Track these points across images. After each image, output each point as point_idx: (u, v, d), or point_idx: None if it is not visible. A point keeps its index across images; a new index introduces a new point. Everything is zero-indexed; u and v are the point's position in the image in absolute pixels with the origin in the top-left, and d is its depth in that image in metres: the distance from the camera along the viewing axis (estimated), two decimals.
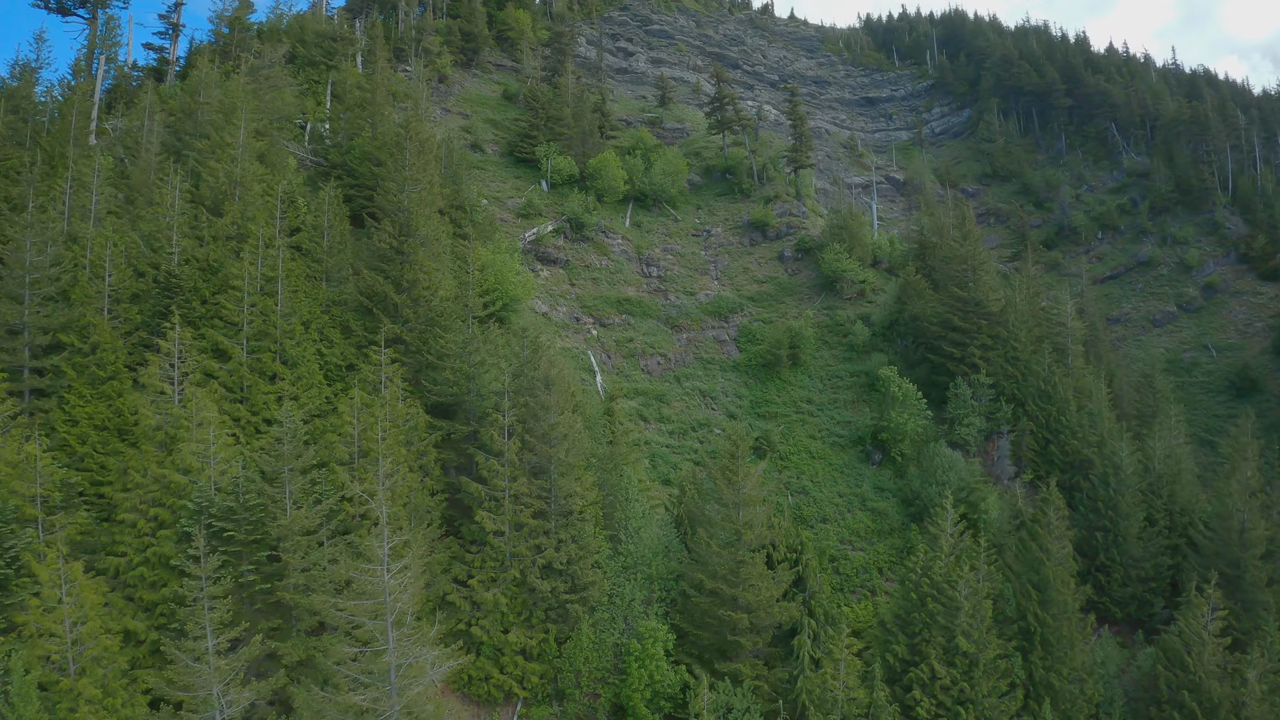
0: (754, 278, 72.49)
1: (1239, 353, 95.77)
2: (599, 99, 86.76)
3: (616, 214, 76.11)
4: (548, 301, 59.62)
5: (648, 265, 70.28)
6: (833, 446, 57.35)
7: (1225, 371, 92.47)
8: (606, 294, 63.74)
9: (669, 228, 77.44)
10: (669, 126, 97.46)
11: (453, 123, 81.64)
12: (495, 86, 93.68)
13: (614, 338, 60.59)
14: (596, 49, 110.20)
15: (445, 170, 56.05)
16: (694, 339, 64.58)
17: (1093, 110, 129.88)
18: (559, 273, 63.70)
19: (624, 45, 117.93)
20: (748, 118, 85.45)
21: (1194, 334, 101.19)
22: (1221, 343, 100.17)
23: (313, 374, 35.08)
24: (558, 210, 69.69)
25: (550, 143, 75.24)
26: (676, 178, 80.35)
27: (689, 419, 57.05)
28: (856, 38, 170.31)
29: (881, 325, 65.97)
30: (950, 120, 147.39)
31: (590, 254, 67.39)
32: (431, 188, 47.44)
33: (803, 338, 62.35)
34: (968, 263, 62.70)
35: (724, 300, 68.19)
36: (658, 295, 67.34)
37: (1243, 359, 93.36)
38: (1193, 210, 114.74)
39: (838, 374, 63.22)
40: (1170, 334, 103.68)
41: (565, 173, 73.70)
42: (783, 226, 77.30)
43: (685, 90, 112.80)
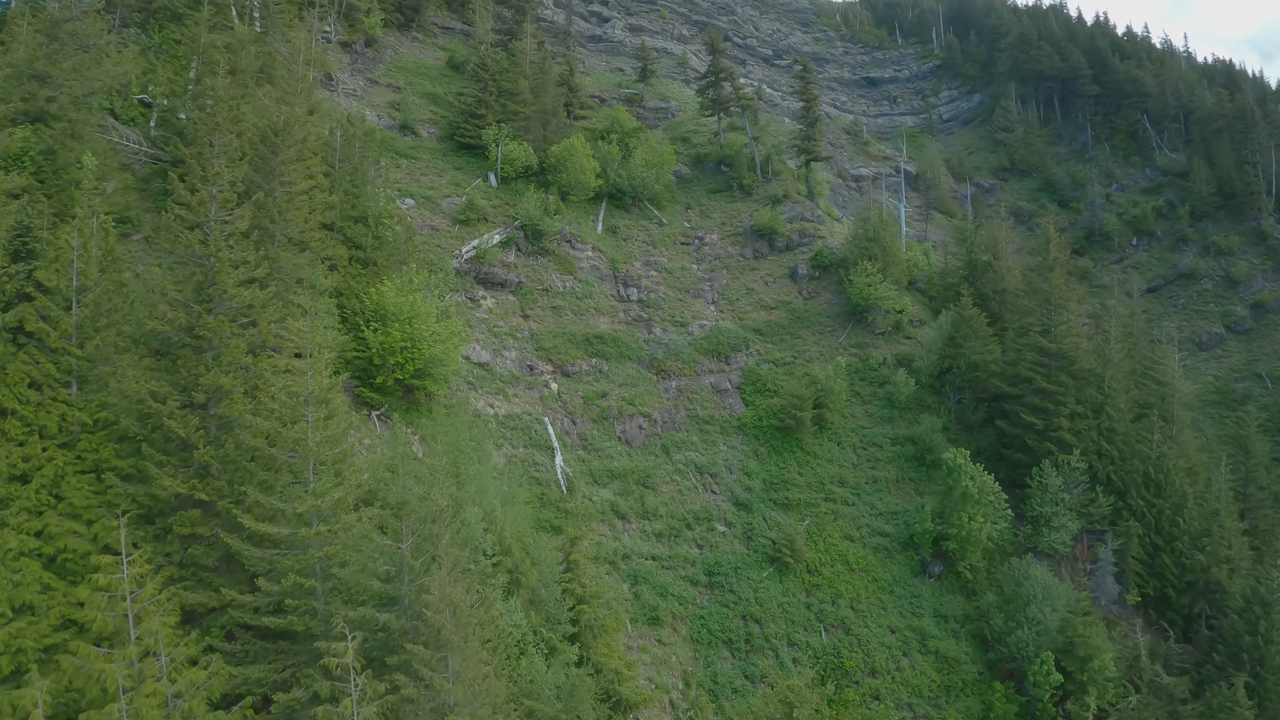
0: (760, 302, 56.13)
1: None
2: (566, 70, 69.14)
3: (585, 216, 59.11)
4: (491, 344, 42.66)
5: (625, 285, 53.51)
6: (877, 552, 41.42)
7: None
8: (571, 329, 46.94)
9: (652, 234, 60.67)
10: (651, 106, 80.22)
11: (379, 98, 63.62)
12: (439, 53, 75.39)
13: (581, 392, 43.90)
14: (565, 11, 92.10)
15: (342, 165, 38.66)
16: (686, 389, 48.18)
17: (1122, 100, 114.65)
18: (508, 300, 46.68)
19: (597, 9, 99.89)
20: (748, 97, 68.57)
21: (1244, 360, 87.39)
22: (1277, 372, 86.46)
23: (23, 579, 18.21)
24: (508, 213, 52.50)
25: (502, 124, 57.83)
26: (661, 170, 63.40)
27: (683, 511, 40.79)
28: (855, 12, 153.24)
29: (929, 374, 50.05)
30: (960, 106, 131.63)
31: (551, 272, 50.39)
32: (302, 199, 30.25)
33: (831, 393, 46.27)
34: (1051, 301, 46.89)
35: (724, 334, 51.76)
36: (638, 328, 50.69)
37: None
38: (1236, 217, 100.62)
39: (875, 440, 47.24)
40: (1218, 359, 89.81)
41: (520, 163, 56.39)
42: (794, 235, 60.92)
43: (669, 63, 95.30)
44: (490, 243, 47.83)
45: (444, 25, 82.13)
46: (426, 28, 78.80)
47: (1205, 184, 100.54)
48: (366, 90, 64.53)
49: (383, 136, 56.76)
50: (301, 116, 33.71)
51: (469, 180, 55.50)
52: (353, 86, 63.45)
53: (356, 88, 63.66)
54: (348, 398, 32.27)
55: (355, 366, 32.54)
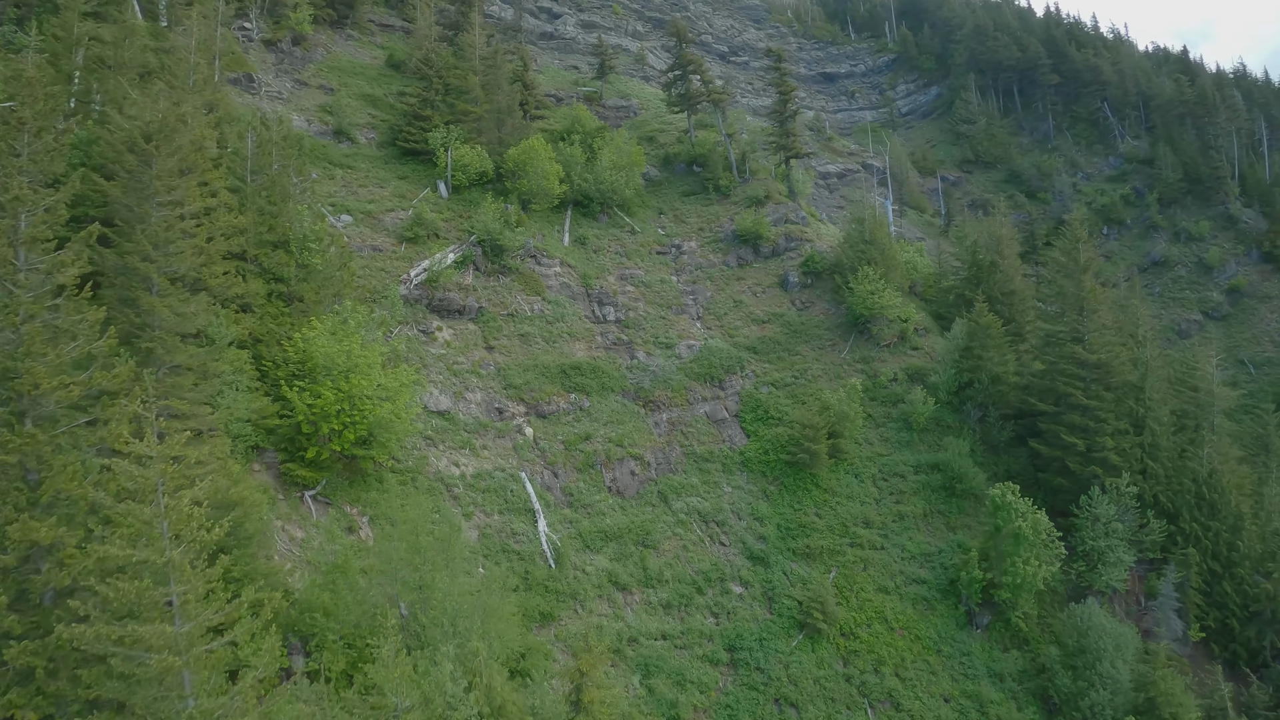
0: (751, 315, 49.60)
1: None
2: (520, 66, 61.77)
3: (550, 227, 51.85)
4: (451, 386, 35.18)
5: (600, 304, 46.43)
6: (916, 604, 35.13)
7: (1271, 393, 76.01)
8: (544, 359, 39.70)
9: (625, 244, 53.71)
10: (611, 104, 73.27)
11: (309, 100, 55.43)
12: (377, 52, 67.30)
13: (560, 436, 36.68)
14: (514, 8, 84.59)
15: (255, 178, 30.80)
16: (679, 421, 41.34)
17: (1081, 89, 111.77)
18: (468, 330, 39.18)
19: (547, 5, 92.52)
20: (719, 90, 62.10)
21: (1225, 346, 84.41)
22: (1258, 357, 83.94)
23: None
24: (463, 227, 44.96)
25: (451, 126, 50.18)
26: (631, 173, 56.48)
27: (690, 572, 33.94)
28: (806, 8, 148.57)
29: (947, 390, 44.12)
30: (917, 99, 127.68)
31: (515, 294, 43.03)
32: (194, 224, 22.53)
33: (846, 420, 39.96)
34: (1083, 307, 41.37)
35: (715, 354, 45.07)
36: (619, 353, 43.65)
37: None
38: (1204, 202, 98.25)
39: (895, 469, 41.06)
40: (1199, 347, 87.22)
41: (473, 169, 48.82)
42: (780, 239, 54.59)
43: (627, 60, 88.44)
44: (444, 263, 40.29)
45: (382, 23, 73.95)
46: (362, 25, 70.60)
47: (1171, 170, 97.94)
48: (294, 92, 56.26)
49: (313, 144, 48.73)
50: (195, 117, 25.95)
51: (415, 191, 47.78)
52: (278, 89, 55.13)
53: (282, 90, 55.36)
54: (270, 479, 24.61)
55: (279, 437, 24.89)
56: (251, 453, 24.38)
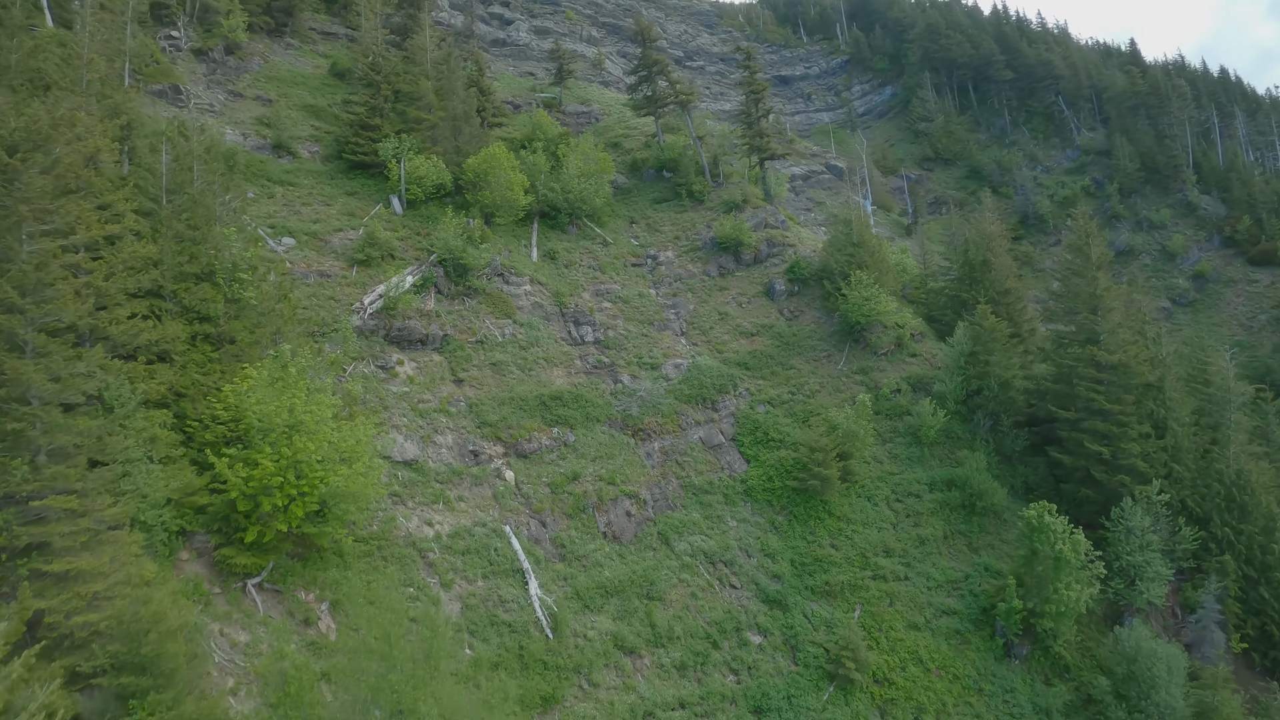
0: (738, 328, 45.65)
1: (1252, 352, 79.71)
2: (475, 71, 57.07)
3: (516, 242, 47.24)
4: (417, 430, 30.33)
5: (577, 324, 41.96)
6: (949, 639, 31.38)
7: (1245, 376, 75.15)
8: (520, 390, 35.08)
9: (597, 256, 49.35)
10: (571, 110, 68.97)
11: (245, 112, 50.01)
12: (320, 61, 62.01)
13: (545, 478, 32.10)
14: (464, 14, 79.77)
15: (173, 199, 25.78)
16: (672, 450, 37.08)
17: (1034, 84, 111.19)
18: (433, 362, 34.36)
19: (499, 11, 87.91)
20: (687, 91, 58.25)
21: (1195, 333, 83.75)
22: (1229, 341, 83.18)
23: None
24: (421, 246, 40.11)
25: (403, 135, 45.33)
26: (600, 181, 52.17)
27: (703, 624, 29.67)
28: (756, 12, 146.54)
29: (954, 399, 40.72)
30: (873, 99, 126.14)
31: (484, 317, 38.31)
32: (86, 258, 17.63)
33: (856, 439, 36.19)
34: (1097, 306, 38.38)
35: (704, 373, 40.95)
36: (602, 377, 39.23)
37: (1260, 360, 77.13)
38: (1162, 190, 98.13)
39: (909, 488, 37.40)
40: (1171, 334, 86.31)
41: (429, 181, 43.95)
42: (762, 246, 50.80)
43: (584, 66, 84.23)
44: (402, 287, 35.40)
45: (324, 30, 68.56)
46: (303, 33, 65.19)
47: (1129, 160, 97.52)
48: (228, 104, 50.74)
49: (249, 159, 43.45)
50: (89, 125, 20.91)
51: (366, 207, 42.76)
52: (208, 101, 49.57)
53: (214, 102, 49.80)
54: (202, 569, 19.64)
55: (212, 516, 19.95)
56: (176, 540, 19.43)
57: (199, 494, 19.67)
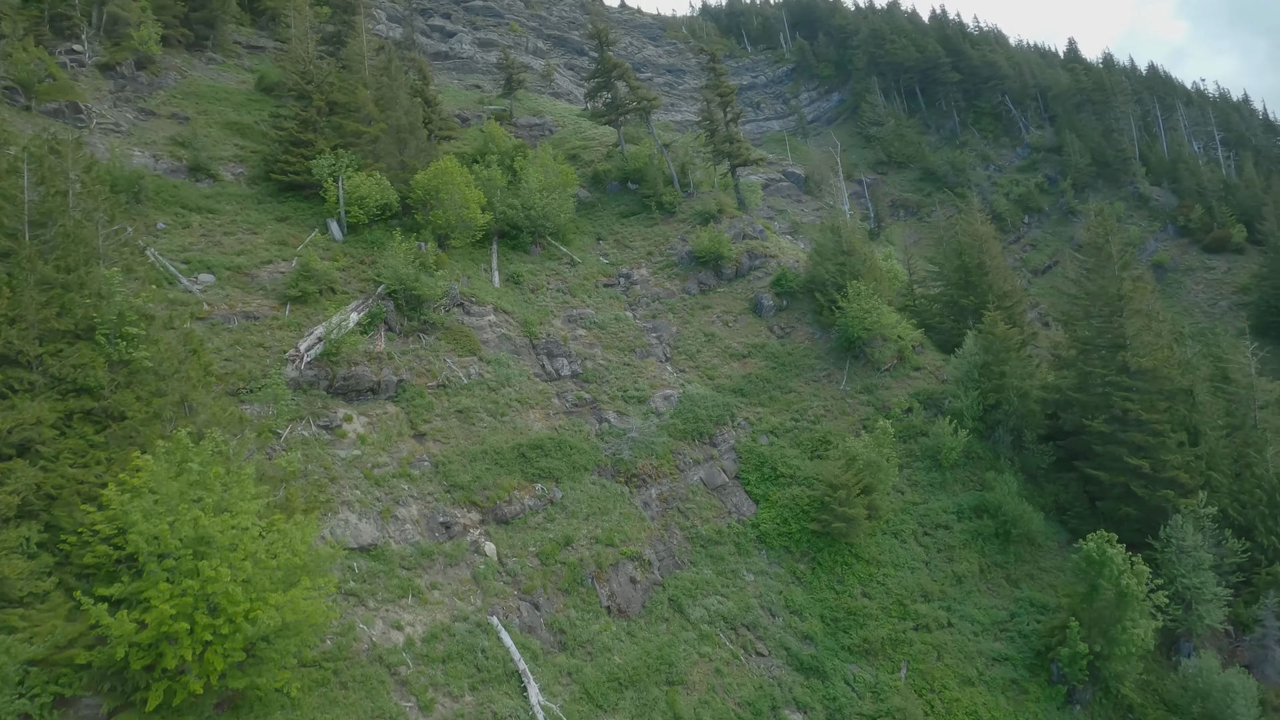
0: (727, 350, 40.69)
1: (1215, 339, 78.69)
2: (419, 81, 51.16)
3: (475, 266, 41.47)
4: (374, 504, 24.33)
5: (551, 357, 36.39)
6: (1006, 690, 26.62)
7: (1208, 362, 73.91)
8: (493, 441, 29.37)
9: (565, 278, 43.89)
10: (523, 123, 63.50)
11: (158, 132, 43.23)
12: (246, 76, 55.36)
13: (532, 546, 26.43)
14: (403, 26, 73.65)
15: (36, 236, 19.61)
16: (672, 496, 31.80)
17: (980, 85, 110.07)
18: (388, 415, 28.38)
19: (440, 24, 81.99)
20: (650, 96, 53.39)
21: None
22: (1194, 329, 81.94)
23: None
24: (366, 276, 34.07)
25: (341, 150, 39.29)
26: (563, 195, 46.77)
27: (733, 705, 24.30)
28: (699, 24, 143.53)
29: (972, 416, 36.47)
30: (821, 106, 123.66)
31: (445, 356, 32.48)
32: None
33: (879, 471, 31.50)
34: (1121, 306, 34.62)
35: (698, 404, 35.80)
36: (584, 417, 33.72)
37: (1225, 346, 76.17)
38: (1113, 184, 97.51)
39: (936, 519, 32.82)
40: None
41: (373, 201, 37.90)
42: (743, 258, 46.08)
43: (533, 78, 78.84)
44: (345, 326, 29.34)
45: (250, 44, 61.75)
46: (227, 47, 58.35)
47: (1079, 156, 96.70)
48: (138, 123, 43.85)
49: (159, 184, 36.85)
50: None
51: (300, 234, 36.50)
52: (115, 120, 42.66)
53: (121, 121, 42.89)
54: None
55: (98, 673, 13.88)
56: (50, 715, 13.34)
57: (78, 646, 13.63)
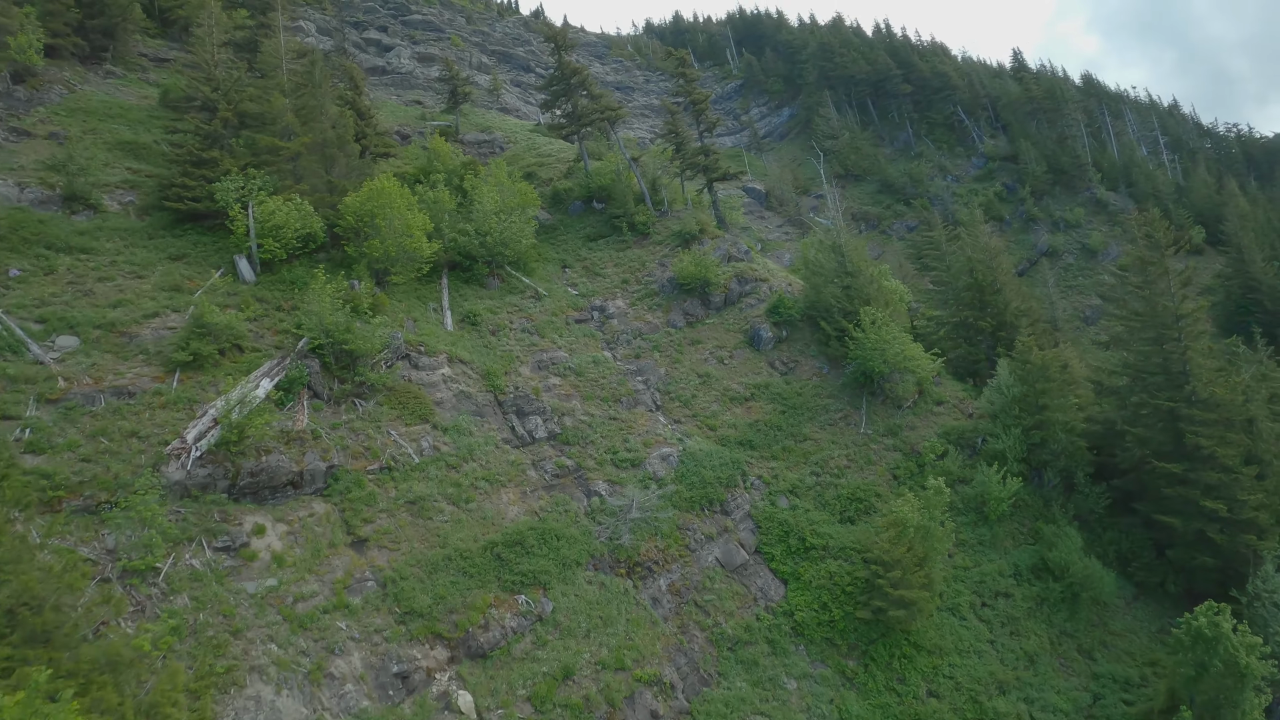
0: (726, 392, 34.01)
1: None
2: (350, 91, 43.40)
3: (421, 305, 33.89)
4: (299, 660, 16.67)
5: (522, 415, 29.10)
6: None
7: None
8: (457, 541, 21.94)
9: (530, 315, 36.65)
10: (470, 139, 56.16)
11: (30, 154, 34.61)
12: (150, 91, 46.86)
13: (521, 688, 19.09)
14: (334, 37, 65.60)
15: None
16: (685, 587, 24.85)
17: (932, 96, 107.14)
18: (314, 519, 20.66)
19: (375, 37, 74.06)
20: (613, 104, 46.77)
21: None
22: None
23: None
24: (284, 326, 26.25)
25: (253, 170, 31.44)
26: (524, 218, 39.62)
27: None
28: (644, 42, 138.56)
29: (1015, 457, 30.62)
30: (772, 121, 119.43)
31: (387, 427, 24.85)
32: None
33: (932, 538, 25.28)
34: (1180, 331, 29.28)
35: (702, 462, 28.94)
36: (569, 491, 26.52)
37: None
38: (1070, 190, 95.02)
39: (995, 585, 26.53)
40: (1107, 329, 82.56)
41: (293, 231, 30.02)
42: (732, 284, 39.65)
43: (479, 93, 71.59)
44: (252, 400, 21.56)
45: (158, 56, 52.96)
46: (130, 60, 49.68)
47: (1036, 164, 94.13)
48: (5, 145, 35.17)
49: (20, 218, 28.43)
50: None
51: (199, 275, 28.43)
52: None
53: None
54: None
55: None
56: None
57: None
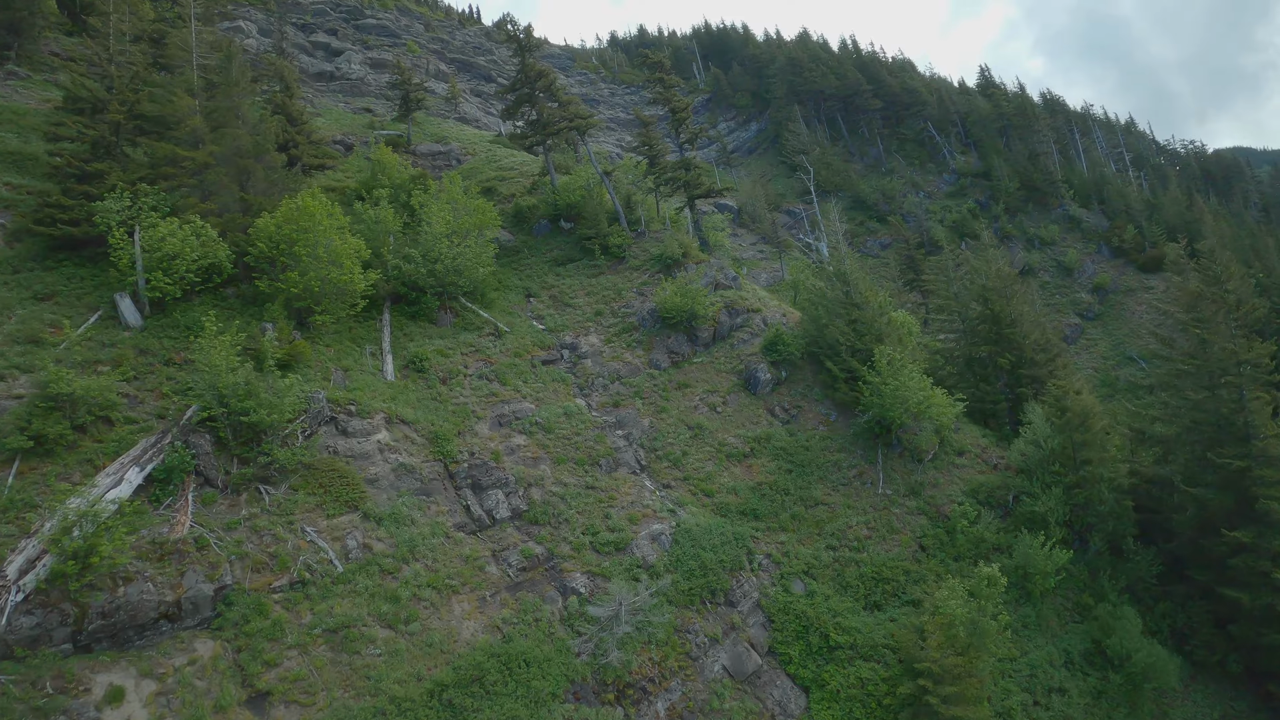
0: (722, 446, 28.58)
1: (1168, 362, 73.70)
2: (281, 93, 37.03)
3: (355, 349, 27.76)
4: None
5: (480, 489, 23.24)
6: None
7: None
8: (393, 684, 16.09)
9: (489, 357, 30.75)
10: (424, 150, 50.04)
11: None
12: (56, 93, 40.00)
13: None
14: (276, 38, 58.87)
15: None
16: (688, 709, 19.25)
17: (902, 112, 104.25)
18: (196, 669, 14.45)
19: (324, 40, 67.42)
20: (583, 111, 41.28)
21: (1110, 346, 77.35)
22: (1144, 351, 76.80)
23: None
24: (173, 386, 20.23)
25: (145, 187, 25.12)
26: (481, 241, 33.78)
27: None
28: (610, 55, 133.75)
29: (1057, 520, 25.83)
30: (740, 136, 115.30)
31: (302, 524, 18.81)
32: None
33: (985, 637, 20.22)
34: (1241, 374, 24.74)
35: (699, 541, 23.42)
36: (539, 591, 20.79)
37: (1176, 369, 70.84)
38: (1043, 208, 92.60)
39: (1047, 678, 21.22)
40: (1087, 349, 79.24)
41: (188, 263, 23.77)
42: (722, 315, 34.31)
43: (436, 102, 65.44)
44: (103, 510, 15.44)
45: (71, 55, 45.90)
46: (38, 59, 42.67)
47: (1008, 180, 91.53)
48: None
49: None
50: None
51: (72, 315, 22.04)
52: None
53: None
54: None
55: None
56: None
57: None
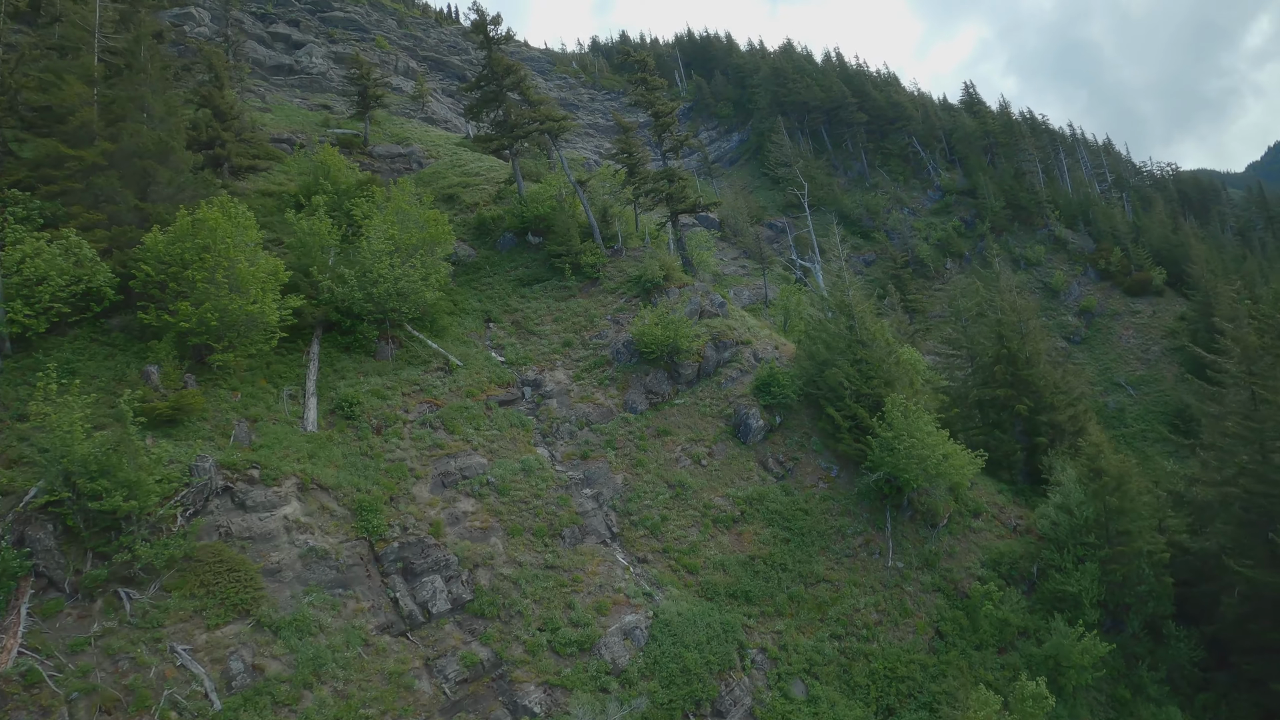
0: (707, 509, 24.23)
1: (1156, 386, 71.46)
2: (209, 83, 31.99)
3: (270, 392, 22.92)
4: None
5: (412, 575, 18.57)
6: None
7: (1159, 414, 66.79)
8: None
9: (436, 398, 26.09)
10: (382, 152, 45.14)
11: None
12: None
13: None
14: (221, 24, 53.50)
15: None
16: None
17: (887, 126, 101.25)
18: None
19: (284, 31, 62.10)
20: (555, 113, 36.79)
21: (1098, 370, 74.77)
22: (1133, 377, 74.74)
23: None
24: (23, 452, 15.33)
25: (17, 193, 20.14)
26: (432, 260, 29.11)
27: None
28: (590, 60, 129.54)
29: (1090, 601, 21.86)
30: (722, 146, 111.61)
31: (173, 642, 13.93)
32: None
33: None
34: None
35: (681, 637, 19.08)
36: (481, 704, 16.12)
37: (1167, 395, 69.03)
38: (1028, 227, 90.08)
39: None
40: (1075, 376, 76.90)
41: (56, 288, 18.73)
42: (708, 349, 30.01)
43: (401, 100, 60.45)
44: None
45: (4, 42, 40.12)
46: None
47: (994, 199, 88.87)
48: None
49: None
50: None
51: None
52: None
53: None
54: None
55: None
56: None
57: None
